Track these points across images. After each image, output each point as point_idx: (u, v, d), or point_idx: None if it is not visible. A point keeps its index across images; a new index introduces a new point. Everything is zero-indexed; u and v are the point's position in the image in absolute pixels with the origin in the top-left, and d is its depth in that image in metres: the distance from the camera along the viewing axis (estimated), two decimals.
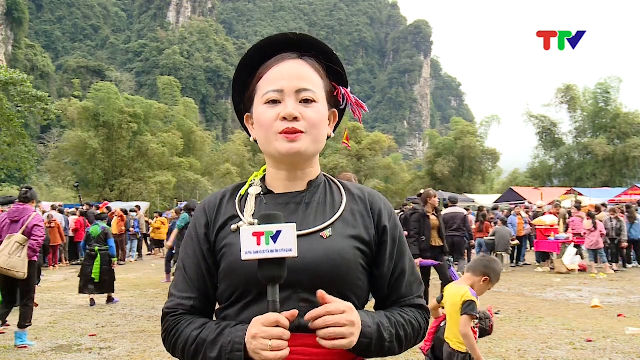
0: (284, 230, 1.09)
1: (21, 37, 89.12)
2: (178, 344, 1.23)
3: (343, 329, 1.11)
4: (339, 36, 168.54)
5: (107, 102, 36.64)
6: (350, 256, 1.23)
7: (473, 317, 3.39)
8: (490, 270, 3.58)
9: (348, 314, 1.12)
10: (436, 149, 44.07)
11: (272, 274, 1.10)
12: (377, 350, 1.19)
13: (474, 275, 3.59)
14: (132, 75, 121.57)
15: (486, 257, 3.83)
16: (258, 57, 1.32)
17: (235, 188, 1.37)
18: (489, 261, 3.68)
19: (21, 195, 6.35)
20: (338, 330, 1.10)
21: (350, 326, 1.12)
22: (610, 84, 38.55)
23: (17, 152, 26.39)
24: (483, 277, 3.56)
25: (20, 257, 5.92)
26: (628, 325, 6.83)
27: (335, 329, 1.10)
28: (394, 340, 1.22)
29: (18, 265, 5.90)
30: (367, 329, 1.17)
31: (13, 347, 6.00)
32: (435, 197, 8.15)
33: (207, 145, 47.53)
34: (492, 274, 3.58)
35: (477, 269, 3.61)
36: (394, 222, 1.35)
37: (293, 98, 1.24)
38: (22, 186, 6.79)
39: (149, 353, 5.71)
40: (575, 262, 12.90)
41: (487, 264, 3.62)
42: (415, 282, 1.36)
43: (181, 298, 1.27)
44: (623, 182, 34.88)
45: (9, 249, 5.89)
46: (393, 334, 1.22)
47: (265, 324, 1.08)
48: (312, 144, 1.25)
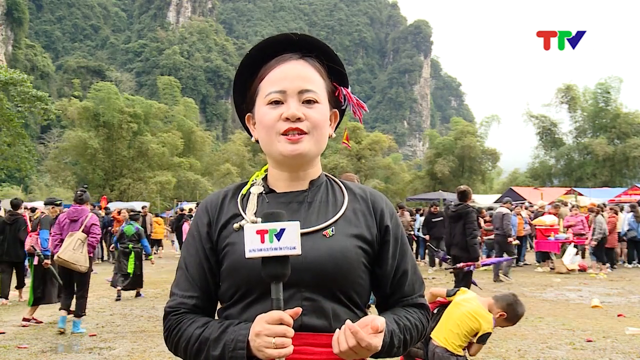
0: (288, 228, 1.10)
1: (21, 37, 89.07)
2: (180, 342, 1.23)
3: (365, 353, 1.14)
4: (339, 36, 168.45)
5: (107, 102, 36.64)
6: (352, 255, 1.23)
7: (482, 345, 3.61)
8: (511, 310, 3.60)
9: (371, 337, 1.13)
10: (436, 149, 44.06)
11: (275, 272, 1.10)
12: (385, 354, 1.22)
13: (496, 305, 3.62)
14: (132, 75, 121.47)
15: (516, 297, 3.76)
16: (259, 58, 1.32)
17: (237, 187, 1.37)
18: (515, 302, 3.66)
19: (77, 197, 7.11)
20: (361, 352, 1.13)
21: (367, 350, 1.14)
22: (611, 84, 38.51)
23: (17, 152, 26.40)
24: (502, 312, 3.59)
25: (82, 252, 6.57)
26: (628, 325, 6.84)
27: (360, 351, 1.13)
28: (401, 345, 1.25)
29: (81, 260, 6.54)
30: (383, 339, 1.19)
31: (13, 347, 6.00)
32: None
33: (207, 145, 47.53)
34: (512, 314, 3.61)
35: (501, 301, 3.63)
36: (396, 221, 1.35)
37: (295, 99, 1.24)
38: (78, 189, 7.79)
39: (149, 353, 5.71)
40: (575, 262, 12.91)
41: (512, 303, 3.63)
42: (417, 282, 1.36)
43: (183, 297, 1.27)
44: (623, 182, 34.85)
45: (72, 245, 6.51)
46: (401, 339, 1.24)
47: (268, 322, 1.09)
48: (314, 145, 1.26)
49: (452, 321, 3.56)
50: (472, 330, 3.51)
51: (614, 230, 13.54)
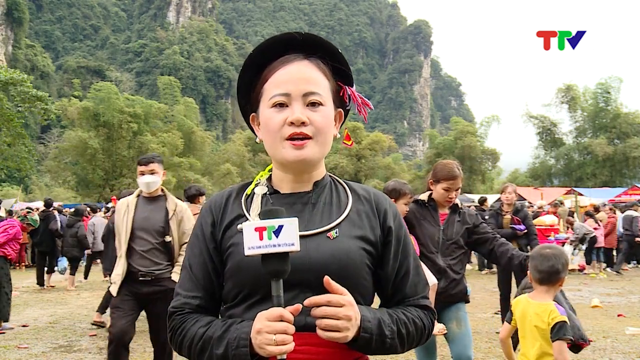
0: (286, 224, 1.10)
1: (21, 37, 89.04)
2: (184, 342, 1.23)
3: (338, 322, 1.12)
4: (339, 36, 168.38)
5: (107, 102, 36.65)
6: (356, 256, 1.23)
7: (567, 340, 2.72)
8: (563, 267, 2.80)
9: (346, 309, 1.13)
10: (436, 149, 44.11)
11: (275, 269, 1.10)
12: (378, 346, 1.19)
13: (550, 284, 2.80)
14: (132, 75, 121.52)
15: (536, 256, 2.86)
16: (263, 58, 1.31)
17: (241, 187, 1.37)
18: (551, 256, 2.79)
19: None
20: (333, 322, 1.11)
21: (346, 321, 1.12)
22: (611, 84, 38.50)
23: (17, 152, 26.36)
24: (560, 282, 2.82)
25: None
26: (628, 325, 6.84)
27: (330, 321, 1.11)
28: (395, 337, 1.22)
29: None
30: (367, 324, 1.17)
31: (13, 347, 6.00)
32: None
33: (207, 145, 47.55)
34: (564, 270, 2.82)
35: (550, 276, 2.78)
36: (399, 222, 1.35)
37: (300, 102, 1.24)
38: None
39: (149, 353, 5.69)
40: (575, 262, 12.91)
41: (548, 261, 2.78)
42: (420, 283, 1.36)
43: (187, 297, 1.28)
44: (623, 182, 34.85)
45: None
46: (394, 330, 1.22)
47: (269, 319, 1.09)
48: (319, 149, 1.26)
49: (528, 338, 2.82)
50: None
51: (614, 230, 13.56)
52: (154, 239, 4.02)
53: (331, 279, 1.17)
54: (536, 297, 2.83)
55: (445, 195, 3.55)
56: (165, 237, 4.04)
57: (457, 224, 3.58)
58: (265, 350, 1.09)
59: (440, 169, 3.60)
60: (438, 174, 3.58)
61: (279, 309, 1.09)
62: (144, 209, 4.10)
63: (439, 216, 3.58)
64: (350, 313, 1.13)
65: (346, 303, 1.13)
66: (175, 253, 4.11)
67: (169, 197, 4.23)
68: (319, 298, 1.12)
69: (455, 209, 3.64)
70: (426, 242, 3.52)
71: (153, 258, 4.01)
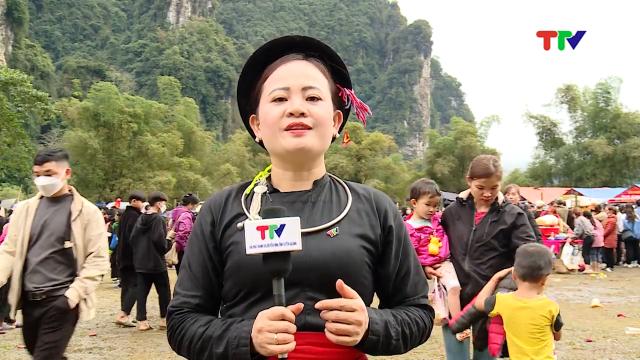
0: (288, 223, 1.10)
1: (21, 37, 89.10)
2: (184, 341, 1.23)
3: (349, 327, 1.12)
4: (339, 36, 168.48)
5: (107, 102, 36.67)
6: (356, 255, 1.24)
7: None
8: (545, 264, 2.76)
9: (358, 314, 1.13)
10: (436, 149, 44.11)
11: (277, 268, 1.10)
12: (384, 347, 1.20)
13: (533, 281, 2.76)
14: (132, 75, 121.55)
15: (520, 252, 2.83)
16: (263, 59, 1.33)
17: (241, 187, 1.37)
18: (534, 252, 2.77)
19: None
20: (344, 327, 1.12)
21: (357, 326, 1.13)
22: (611, 84, 38.48)
23: (17, 152, 26.37)
24: (542, 279, 2.80)
25: None
26: (628, 325, 6.84)
27: (342, 326, 1.11)
28: (400, 338, 1.23)
29: None
30: (375, 326, 1.17)
31: (13, 347, 6.00)
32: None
33: (207, 145, 47.54)
34: (547, 268, 2.79)
35: (533, 271, 2.74)
36: (399, 221, 1.35)
37: (299, 95, 1.25)
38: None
39: (149, 353, 5.71)
40: (575, 262, 12.92)
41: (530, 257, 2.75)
42: (420, 282, 1.36)
43: (186, 296, 1.28)
44: (623, 182, 34.84)
45: None
46: (399, 331, 1.23)
47: (270, 318, 1.09)
48: (318, 140, 1.26)
49: (522, 338, 2.87)
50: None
51: (613, 230, 13.56)
52: (52, 246, 3.29)
53: (331, 277, 1.17)
54: (521, 295, 2.82)
55: (480, 194, 3.23)
56: (65, 243, 3.31)
57: (492, 224, 3.21)
58: (267, 349, 1.09)
59: (474, 165, 3.31)
60: (472, 170, 3.30)
61: (281, 307, 1.09)
62: (44, 212, 3.38)
63: (475, 215, 3.28)
64: (361, 318, 1.13)
65: (358, 308, 1.13)
66: (79, 264, 3.37)
67: (76, 197, 3.49)
68: (332, 302, 1.12)
69: (494, 207, 3.27)
70: (455, 244, 3.27)
71: (46, 272, 3.28)
